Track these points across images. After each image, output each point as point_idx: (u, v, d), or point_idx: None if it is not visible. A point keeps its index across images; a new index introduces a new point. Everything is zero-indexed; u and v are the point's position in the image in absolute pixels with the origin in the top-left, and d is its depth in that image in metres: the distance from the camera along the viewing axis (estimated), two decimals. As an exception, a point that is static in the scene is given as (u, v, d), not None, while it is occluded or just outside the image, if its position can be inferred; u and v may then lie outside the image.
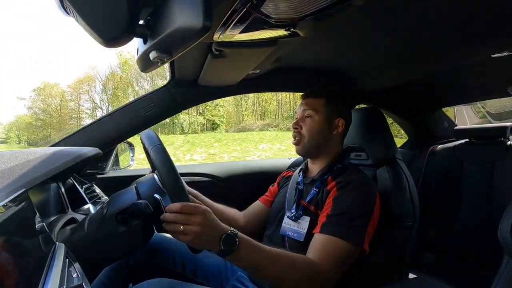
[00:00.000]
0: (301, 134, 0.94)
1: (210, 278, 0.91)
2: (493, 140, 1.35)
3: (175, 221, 0.60)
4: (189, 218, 0.60)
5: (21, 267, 0.41)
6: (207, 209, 0.63)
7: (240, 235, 0.65)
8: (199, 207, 0.62)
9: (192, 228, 0.60)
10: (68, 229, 0.69)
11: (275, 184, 1.12)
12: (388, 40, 0.84)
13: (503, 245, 0.53)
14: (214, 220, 0.63)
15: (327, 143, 0.94)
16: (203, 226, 0.60)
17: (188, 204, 0.61)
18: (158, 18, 0.46)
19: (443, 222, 1.40)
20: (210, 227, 0.62)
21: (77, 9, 0.40)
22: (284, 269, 0.67)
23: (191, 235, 0.60)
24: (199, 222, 0.60)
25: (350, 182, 0.83)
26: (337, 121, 0.94)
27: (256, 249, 0.66)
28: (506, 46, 0.84)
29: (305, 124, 0.94)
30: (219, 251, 0.62)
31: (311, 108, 0.93)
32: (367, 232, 0.77)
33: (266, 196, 1.11)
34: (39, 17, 42.08)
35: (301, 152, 0.96)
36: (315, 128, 0.92)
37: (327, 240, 0.75)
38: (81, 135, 1.07)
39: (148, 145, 0.68)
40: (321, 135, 0.93)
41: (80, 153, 0.68)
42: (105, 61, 44.86)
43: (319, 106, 0.93)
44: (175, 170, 0.63)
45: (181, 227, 0.60)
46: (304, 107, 0.95)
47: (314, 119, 0.93)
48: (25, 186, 0.54)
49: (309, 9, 0.57)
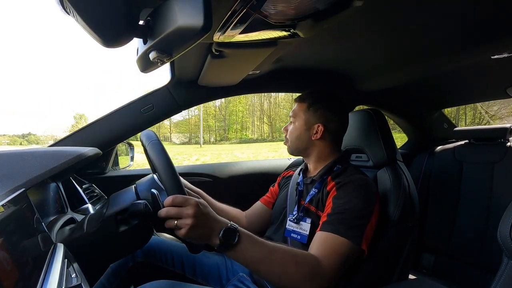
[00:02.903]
0: (286, 137, 0.98)
1: (209, 278, 0.91)
2: (493, 142, 1.35)
3: (168, 215, 0.59)
4: (181, 210, 0.58)
5: (20, 267, 0.41)
6: (201, 201, 0.61)
7: (241, 229, 0.63)
8: (190, 199, 0.59)
9: (185, 221, 0.58)
10: (67, 229, 0.69)
11: (275, 184, 1.12)
12: (388, 41, 0.84)
13: (503, 246, 0.53)
14: (209, 213, 0.62)
15: (310, 147, 0.94)
16: (196, 218, 0.58)
17: (179, 196, 0.59)
18: (158, 18, 0.46)
19: (443, 223, 1.40)
20: (204, 219, 0.60)
21: (77, 9, 0.40)
22: (286, 264, 0.66)
23: (185, 228, 0.58)
24: (191, 214, 0.58)
25: (350, 182, 0.83)
26: (316, 126, 0.92)
27: (257, 243, 0.64)
28: (506, 48, 0.84)
29: (289, 128, 0.97)
30: (218, 245, 0.60)
31: (294, 114, 0.96)
32: (365, 233, 0.77)
33: (266, 197, 1.10)
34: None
35: (288, 151, 1.00)
36: (294, 133, 0.95)
37: (327, 237, 0.75)
38: (80, 135, 1.07)
39: (146, 141, 0.68)
40: (300, 140, 0.94)
41: (79, 153, 0.68)
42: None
43: (300, 111, 0.94)
44: (171, 164, 0.63)
45: (175, 222, 0.58)
46: (291, 112, 0.98)
47: (294, 124, 0.95)
48: (25, 186, 0.54)
49: (309, 10, 0.57)
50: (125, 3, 0.41)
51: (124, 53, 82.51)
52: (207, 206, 0.62)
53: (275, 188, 1.11)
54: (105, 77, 58.51)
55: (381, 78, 1.20)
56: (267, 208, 1.07)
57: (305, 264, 0.67)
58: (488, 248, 1.24)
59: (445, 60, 0.96)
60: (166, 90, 1.11)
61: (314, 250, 0.74)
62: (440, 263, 1.41)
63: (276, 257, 0.65)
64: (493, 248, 1.21)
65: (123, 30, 0.44)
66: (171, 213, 0.58)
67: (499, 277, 0.53)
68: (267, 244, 0.66)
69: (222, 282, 0.91)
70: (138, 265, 0.90)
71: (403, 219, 0.87)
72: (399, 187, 0.91)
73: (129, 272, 0.89)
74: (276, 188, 1.10)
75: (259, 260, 0.64)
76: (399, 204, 0.88)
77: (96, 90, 54.85)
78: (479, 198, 1.31)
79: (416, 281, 1.05)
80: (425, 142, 1.72)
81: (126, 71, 54.08)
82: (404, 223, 0.88)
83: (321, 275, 0.69)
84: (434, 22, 0.71)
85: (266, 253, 0.64)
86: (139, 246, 0.71)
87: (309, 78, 1.18)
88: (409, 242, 0.90)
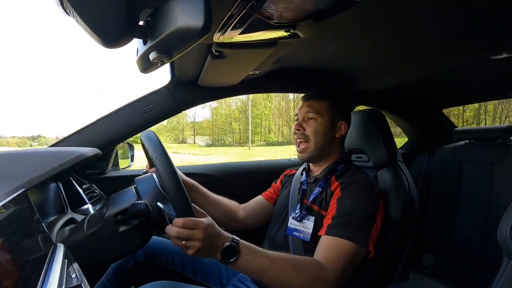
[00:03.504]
0: (306, 135, 0.93)
1: (210, 278, 0.91)
2: (493, 142, 1.35)
3: (178, 236, 0.61)
4: (192, 233, 0.61)
5: (20, 267, 0.41)
6: (209, 223, 0.64)
7: (242, 243, 0.66)
8: (200, 223, 0.62)
9: (194, 244, 0.61)
10: (67, 229, 0.69)
11: (278, 181, 1.12)
12: (388, 41, 0.84)
13: (503, 246, 0.53)
14: (215, 233, 0.64)
15: (330, 146, 0.94)
16: (204, 241, 0.62)
17: (191, 220, 0.62)
18: (158, 18, 0.46)
19: (443, 223, 1.40)
20: (211, 240, 0.63)
21: (77, 10, 0.40)
22: (287, 274, 0.68)
23: (192, 249, 0.62)
24: (200, 238, 0.61)
25: (353, 182, 0.83)
26: (340, 124, 0.95)
27: (257, 255, 0.67)
28: (505, 48, 0.84)
29: (309, 126, 0.93)
30: (220, 259, 0.65)
31: (315, 111, 0.92)
32: (372, 233, 0.77)
33: (269, 192, 1.10)
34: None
35: (305, 157, 0.94)
36: (320, 130, 0.92)
37: (333, 241, 0.75)
38: (81, 135, 1.07)
39: (152, 153, 0.66)
40: (325, 137, 0.93)
41: (79, 153, 0.68)
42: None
43: (324, 108, 0.93)
44: (180, 183, 0.62)
45: (183, 242, 0.61)
46: (307, 109, 0.94)
47: (318, 121, 0.92)
48: (25, 186, 0.54)
49: (309, 10, 0.57)
50: (125, 3, 0.41)
51: (124, 53, 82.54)
52: (214, 226, 0.65)
53: (277, 184, 1.11)
54: (105, 77, 58.49)
55: (381, 78, 1.20)
56: (268, 203, 1.07)
57: (306, 272, 0.69)
58: (488, 248, 1.24)
59: (445, 60, 0.96)
60: (166, 90, 1.11)
61: (319, 255, 0.74)
62: (440, 263, 1.41)
63: (277, 267, 0.67)
64: (493, 248, 1.20)
65: (123, 31, 0.44)
66: (181, 236, 0.61)
67: (500, 277, 0.53)
68: (267, 255, 0.68)
69: (223, 282, 0.91)
70: (138, 265, 0.90)
71: (403, 219, 0.87)
72: (400, 187, 0.91)
73: (130, 272, 0.90)
74: (279, 185, 1.10)
75: (260, 271, 0.66)
76: (400, 204, 0.88)
77: (96, 90, 54.89)
78: (479, 198, 1.30)
79: (416, 281, 1.05)
80: (425, 142, 1.72)
81: (126, 71, 54.03)
82: (405, 223, 0.88)
83: (324, 280, 0.70)
84: (434, 22, 0.71)
85: (266, 264, 0.67)
86: (139, 246, 0.71)
87: (309, 78, 1.18)
88: (409, 242, 0.90)
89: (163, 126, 34.14)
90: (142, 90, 22.65)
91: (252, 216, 1.06)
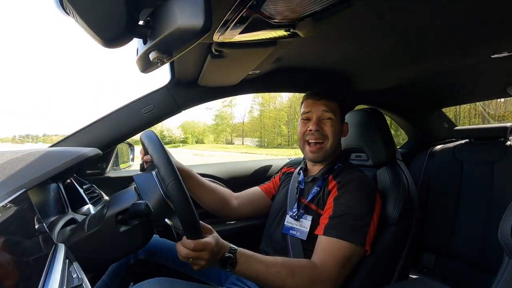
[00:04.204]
0: (324, 135, 0.90)
1: (210, 275, 0.92)
2: (493, 141, 1.35)
3: (187, 257, 0.65)
4: (200, 255, 0.65)
5: (21, 267, 0.41)
6: (216, 243, 0.66)
7: (239, 252, 0.69)
8: (208, 245, 0.65)
9: (200, 262, 0.66)
10: (68, 229, 0.69)
11: (276, 176, 1.12)
12: (387, 40, 0.84)
13: (503, 245, 0.53)
14: (218, 250, 0.67)
15: (339, 146, 0.96)
16: (209, 260, 0.66)
17: (200, 244, 0.64)
18: (158, 18, 0.46)
19: (443, 222, 1.40)
20: (215, 256, 0.67)
21: (77, 10, 0.40)
22: (282, 278, 0.70)
23: (198, 266, 0.66)
24: (207, 258, 0.65)
25: (350, 181, 0.83)
26: (344, 125, 0.97)
27: (253, 262, 0.70)
28: (505, 47, 0.84)
29: (326, 126, 0.90)
30: (219, 268, 0.69)
31: (330, 110, 0.90)
32: (368, 232, 0.77)
33: (267, 185, 1.10)
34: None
35: (320, 157, 0.91)
36: (337, 130, 0.92)
37: (330, 242, 0.76)
38: (81, 136, 1.07)
39: (165, 177, 0.63)
40: (339, 138, 0.95)
41: (80, 153, 0.68)
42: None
43: (335, 109, 0.92)
44: (193, 207, 0.62)
45: (190, 260, 0.66)
46: (324, 108, 0.90)
47: (334, 121, 0.91)
48: (25, 186, 0.54)
49: (309, 10, 0.57)
50: (125, 3, 0.41)
51: (124, 53, 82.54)
52: (218, 243, 0.67)
53: (276, 180, 1.11)
54: (105, 77, 58.50)
55: (381, 77, 1.20)
56: (265, 196, 1.07)
57: (302, 275, 0.71)
58: (489, 247, 1.24)
59: (445, 59, 0.96)
60: (166, 90, 1.11)
61: (316, 256, 0.76)
62: (440, 262, 1.41)
63: (273, 273, 0.70)
64: (494, 247, 1.21)
65: (123, 30, 0.44)
66: (189, 256, 0.65)
67: (500, 276, 0.53)
68: (263, 262, 0.71)
69: (221, 280, 0.91)
70: (139, 263, 0.91)
71: (402, 218, 0.87)
72: (399, 186, 0.91)
73: (130, 269, 0.90)
74: (277, 181, 1.10)
75: (256, 277, 0.70)
76: (399, 204, 0.88)
77: (96, 90, 54.86)
78: (479, 197, 1.30)
79: (416, 281, 1.05)
80: (425, 141, 1.72)
81: (126, 71, 54.05)
82: (404, 222, 0.88)
83: (320, 281, 0.72)
84: (434, 22, 0.71)
85: (262, 271, 0.70)
86: (140, 246, 0.71)
87: (308, 77, 1.18)
88: (409, 241, 0.90)
89: (207, 127, 36.15)
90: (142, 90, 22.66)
91: (246, 205, 1.06)
